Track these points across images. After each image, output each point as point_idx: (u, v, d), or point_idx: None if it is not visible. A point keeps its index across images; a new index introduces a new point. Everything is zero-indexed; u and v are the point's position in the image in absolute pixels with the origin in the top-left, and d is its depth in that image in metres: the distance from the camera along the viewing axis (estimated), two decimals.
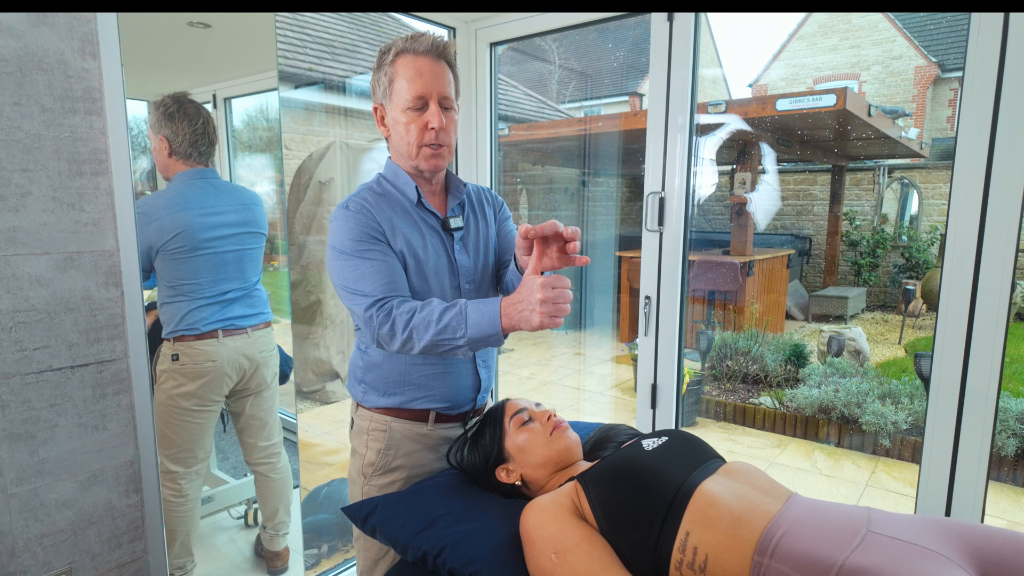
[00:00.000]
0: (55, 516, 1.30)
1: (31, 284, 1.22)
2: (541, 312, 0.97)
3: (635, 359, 4.82)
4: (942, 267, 1.37)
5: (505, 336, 1.05)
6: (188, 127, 1.93)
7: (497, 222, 1.41)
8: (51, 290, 1.25)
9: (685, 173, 1.77)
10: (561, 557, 0.95)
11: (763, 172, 8.12)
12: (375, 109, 1.26)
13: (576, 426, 1.47)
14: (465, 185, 1.35)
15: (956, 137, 1.33)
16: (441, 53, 1.20)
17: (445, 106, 1.20)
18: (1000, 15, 1.26)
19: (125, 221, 1.33)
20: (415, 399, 1.28)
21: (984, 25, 1.28)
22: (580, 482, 1.05)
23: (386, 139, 1.29)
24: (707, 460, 1.06)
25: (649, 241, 1.83)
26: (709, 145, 6.36)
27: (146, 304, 1.43)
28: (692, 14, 1.69)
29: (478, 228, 1.35)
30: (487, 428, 1.25)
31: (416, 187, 1.26)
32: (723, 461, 1.10)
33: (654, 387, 1.88)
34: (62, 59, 1.22)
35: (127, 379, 1.37)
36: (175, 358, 1.95)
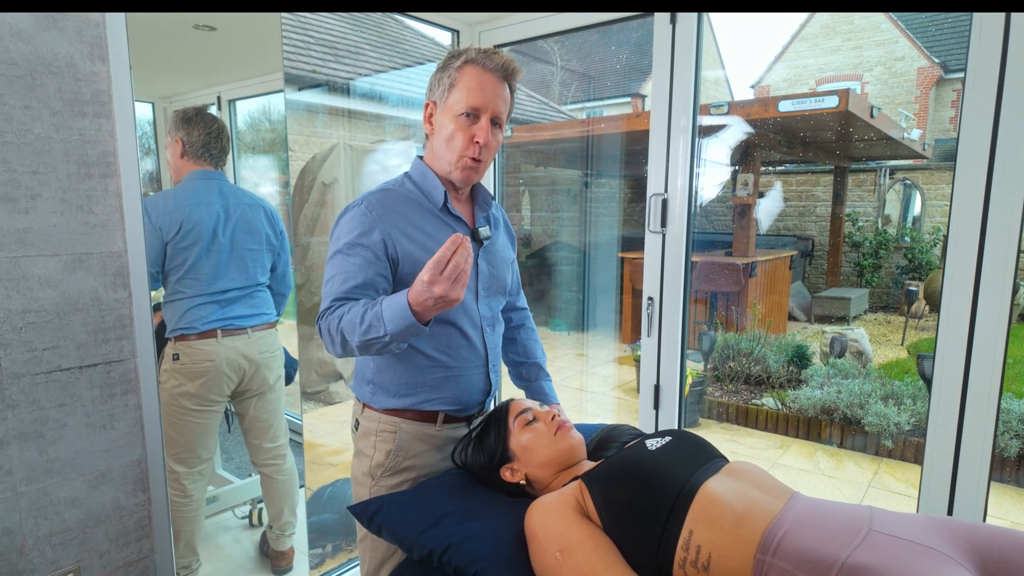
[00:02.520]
0: (64, 515, 1.31)
1: (40, 285, 1.23)
2: (441, 291, 0.97)
3: (637, 360, 4.83)
4: (944, 268, 1.37)
5: (427, 323, 1.05)
6: (203, 129, 2.00)
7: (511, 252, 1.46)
8: (60, 291, 1.26)
9: (688, 174, 1.77)
10: (565, 555, 0.96)
11: (771, 173, 8.12)
12: (426, 105, 1.27)
13: (579, 427, 1.48)
14: (493, 199, 1.39)
15: (958, 138, 1.34)
16: (508, 75, 1.22)
17: (495, 123, 1.22)
18: (1001, 15, 1.27)
19: (133, 223, 1.34)
20: (426, 401, 1.28)
21: (985, 25, 1.29)
22: (584, 481, 1.06)
23: (426, 136, 1.30)
24: (710, 460, 1.07)
25: (652, 242, 1.84)
26: (712, 146, 6.36)
27: (152, 305, 1.45)
28: (695, 15, 1.70)
29: (496, 243, 1.39)
30: (491, 428, 1.26)
31: (445, 192, 1.27)
32: (726, 461, 1.10)
33: (657, 388, 1.89)
34: (71, 62, 1.23)
35: (135, 379, 1.38)
36: (176, 357, 1.97)
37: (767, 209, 8.71)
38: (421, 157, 1.33)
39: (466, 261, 0.98)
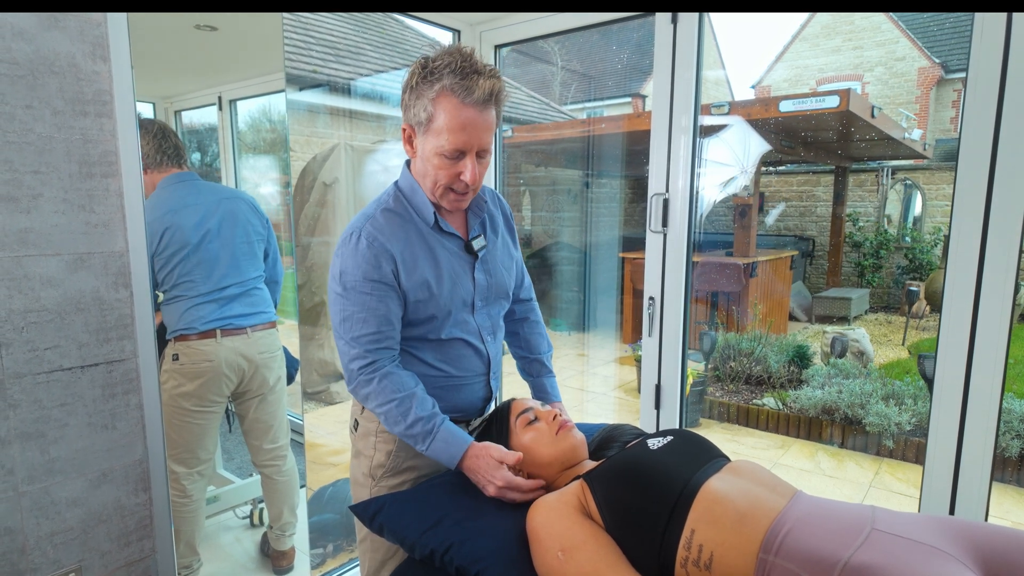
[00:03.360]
0: (65, 514, 1.31)
1: (42, 285, 1.23)
2: (494, 493, 1.14)
3: (638, 360, 4.82)
4: (945, 268, 1.37)
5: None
6: (147, 137, 1.98)
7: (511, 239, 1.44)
8: (62, 290, 1.26)
9: (689, 174, 1.77)
10: (567, 554, 0.96)
11: (771, 173, 8.11)
12: (403, 129, 1.19)
13: (580, 427, 1.48)
14: (485, 201, 1.33)
15: (959, 138, 1.34)
16: (492, 101, 1.12)
17: (481, 155, 1.15)
18: (1003, 15, 1.27)
19: (134, 222, 1.34)
20: None
21: (987, 26, 1.29)
22: (586, 480, 1.05)
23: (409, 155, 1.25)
24: (712, 459, 1.07)
25: (653, 242, 1.84)
26: (713, 146, 6.36)
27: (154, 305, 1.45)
28: (696, 15, 1.70)
29: (495, 244, 1.35)
30: (493, 427, 1.26)
31: (434, 211, 1.22)
32: (728, 460, 1.10)
33: (658, 388, 1.89)
34: (73, 62, 1.24)
35: (136, 379, 1.38)
36: (175, 358, 1.97)
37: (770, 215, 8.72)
38: (409, 164, 1.27)
39: (523, 497, 1.15)
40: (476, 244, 1.28)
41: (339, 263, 1.19)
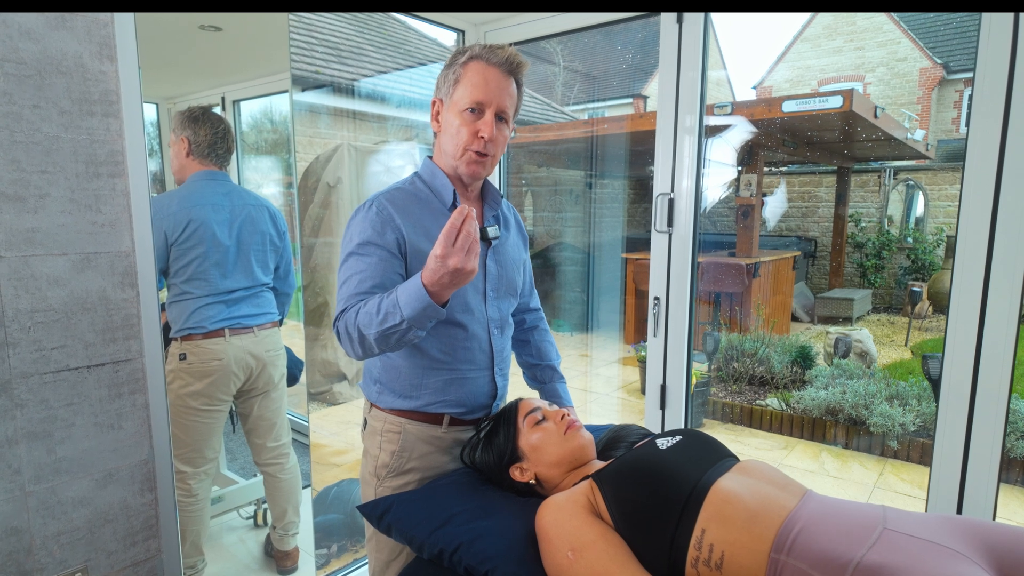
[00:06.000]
0: (71, 514, 1.31)
1: (49, 284, 1.23)
2: (454, 263, 0.98)
3: (642, 361, 4.82)
4: (952, 269, 1.37)
5: (444, 304, 1.05)
6: (210, 129, 2.01)
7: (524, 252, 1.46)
8: (68, 290, 1.26)
9: (694, 174, 1.77)
10: (577, 554, 0.95)
11: (774, 174, 8.11)
12: (433, 103, 1.28)
13: (587, 429, 1.48)
14: (502, 198, 1.39)
15: (966, 138, 1.33)
16: (513, 69, 1.22)
17: (501, 118, 1.22)
18: (1010, 15, 1.26)
19: (141, 222, 1.34)
20: (431, 403, 1.28)
21: (994, 26, 1.28)
22: (595, 480, 1.05)
23: (434, 135, 1.31)
24: (721, 458, 1.07)
25: (658, 242, 1.84)
26: (715, 147, 6.35)
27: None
28: (701, 15, 1.70)
29: (507, 243, 1.38)
30: (501, 427, 1.25)
31: (454, 190, 1.27)
32: (737, 459, 1.10)
33: (663, 388, 1.89)
34: (80, 62, 1.24)
35: (142, 379, 1.38)
36: (182, 357, 1.97)
37: (771, 209, 8.71)
38: (431, 157, 1.33)
39: (475, 231, 1.00)
40: (491, 232, 1.31)
41: (347, 231, 1.23)
